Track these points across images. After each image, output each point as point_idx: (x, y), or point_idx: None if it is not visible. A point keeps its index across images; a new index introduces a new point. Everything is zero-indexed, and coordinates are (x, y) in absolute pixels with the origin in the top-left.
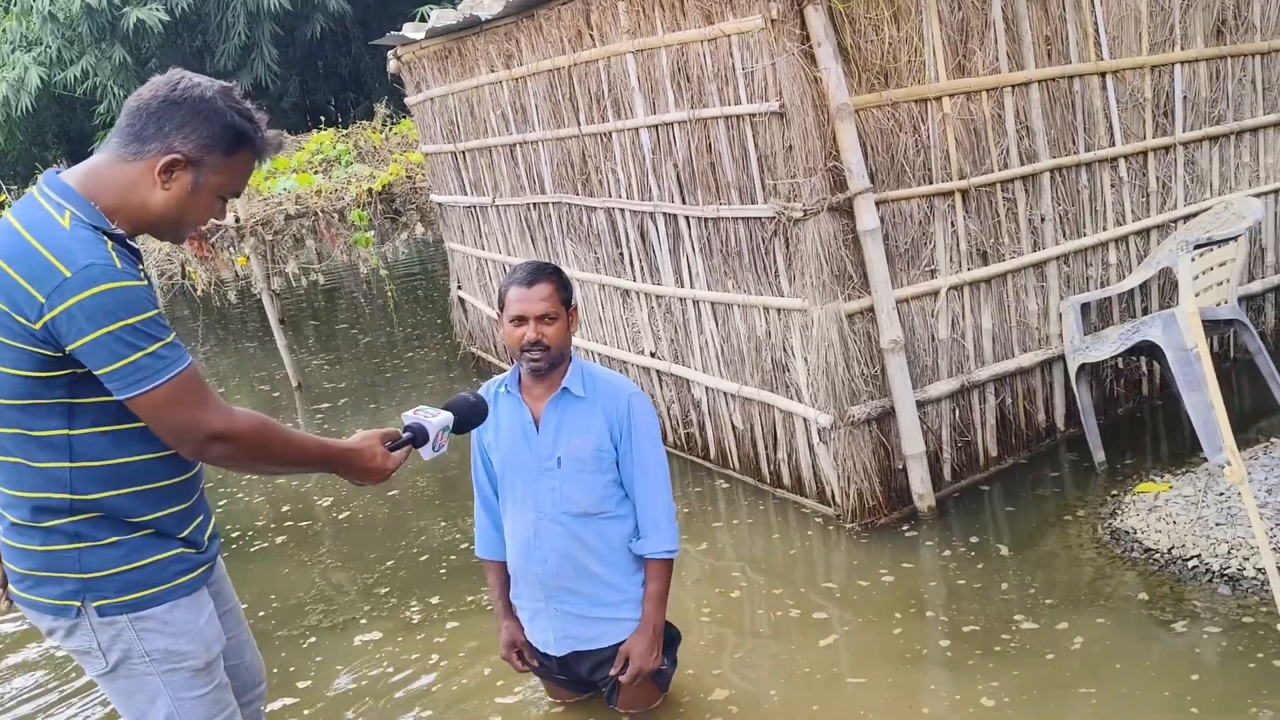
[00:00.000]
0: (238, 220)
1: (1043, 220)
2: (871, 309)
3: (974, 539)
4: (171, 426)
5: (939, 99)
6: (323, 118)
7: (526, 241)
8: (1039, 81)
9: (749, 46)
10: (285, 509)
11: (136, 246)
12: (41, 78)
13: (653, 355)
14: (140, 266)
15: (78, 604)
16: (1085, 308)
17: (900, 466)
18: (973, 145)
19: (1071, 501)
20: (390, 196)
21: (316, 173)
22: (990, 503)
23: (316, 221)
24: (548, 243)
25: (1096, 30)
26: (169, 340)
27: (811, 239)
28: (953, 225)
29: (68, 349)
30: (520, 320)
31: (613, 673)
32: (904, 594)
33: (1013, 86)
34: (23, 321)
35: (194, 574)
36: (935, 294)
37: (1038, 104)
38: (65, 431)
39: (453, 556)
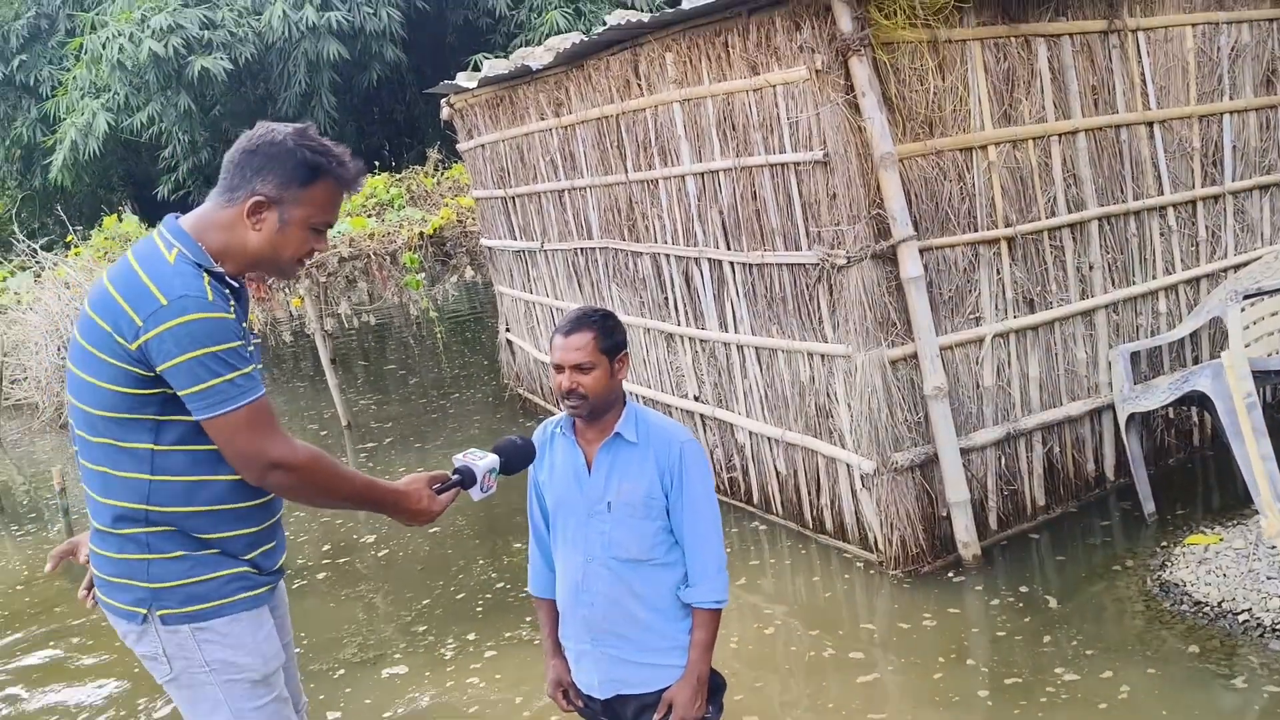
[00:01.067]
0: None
1: (1091, 268)
2: (915, 355)
3: (1020, 588)
4: (238, 450)
5: (984, 147)
6: (377, 162)
7: (574, 286)
8: (1086, 130)
9: (794, 96)
10: (326, 547)
11: (237, 285)
12: (109, 123)
13: (696, 399)
14: (232, 303)
15: (144, 611)
16: (1135, 356)
17: (944, 514)
18: (1019, 193)
19: (1120, 553)
20: (441, 240)
21: (370, 216)
22: (1037, 552)
23: (369, 264)
24: (594, 287)
25: (1144, 80)
26: (246, 371)
27: (855, 285)
28: (998, 272)
29: (158, 369)
30: (559, 368)
31: (656, 718)
32: (946, 641)
33: (1059, 135)
34: (121, 342)
35: (255, 592)
36: (980, 341)
37: (1085, 152)
38: (150, 446)
39: (489, 595)
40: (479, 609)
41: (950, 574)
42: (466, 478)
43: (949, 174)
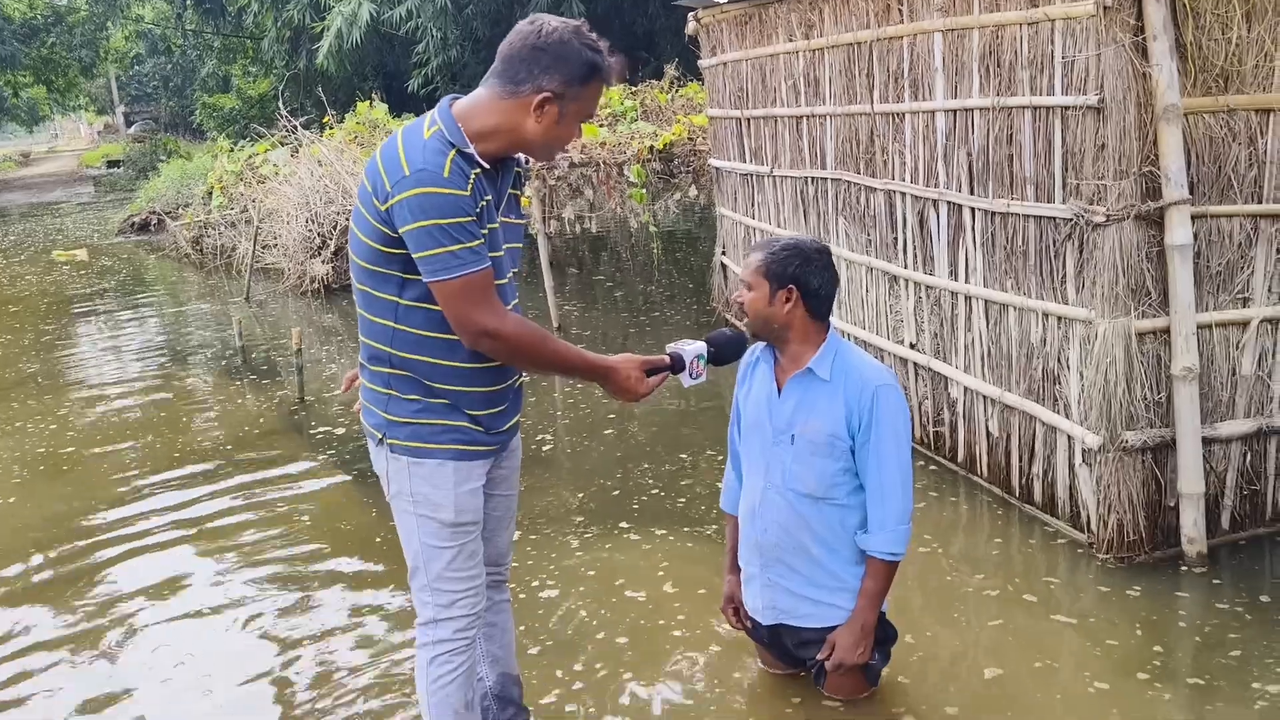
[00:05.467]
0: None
1: None
2: (1166, 330)
3: (1246, 595)
4: (454, 314)
5: None
6: None
7: (799, 215)
8: None
9: (1073, 33)
10: None
11: (487, 166)
12: (371, 14)
13: (912, 347)
14: (471, 181)
15: (380, 435)
16: None
17: (1172, 504)
18: None
19: None
20: (670, 156)
21: (602, 125)
22: (1271, 561)
23: (597, 172)
24: (820, 218)
25: None
26: (470, 245)
27: (1110, 247)
28: (1278, 252)
29: (399, 231)
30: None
31: (819, 657)
32: (1151, 638)
33: None
34: (376, 202)
35: (470, 446)
36: (1245, 324)
37: None
38: (395, 299)
39: (644, 497)
40: (635, 508)
41: (1168, 568)
42: (676, 363)
43: (1239, 136)
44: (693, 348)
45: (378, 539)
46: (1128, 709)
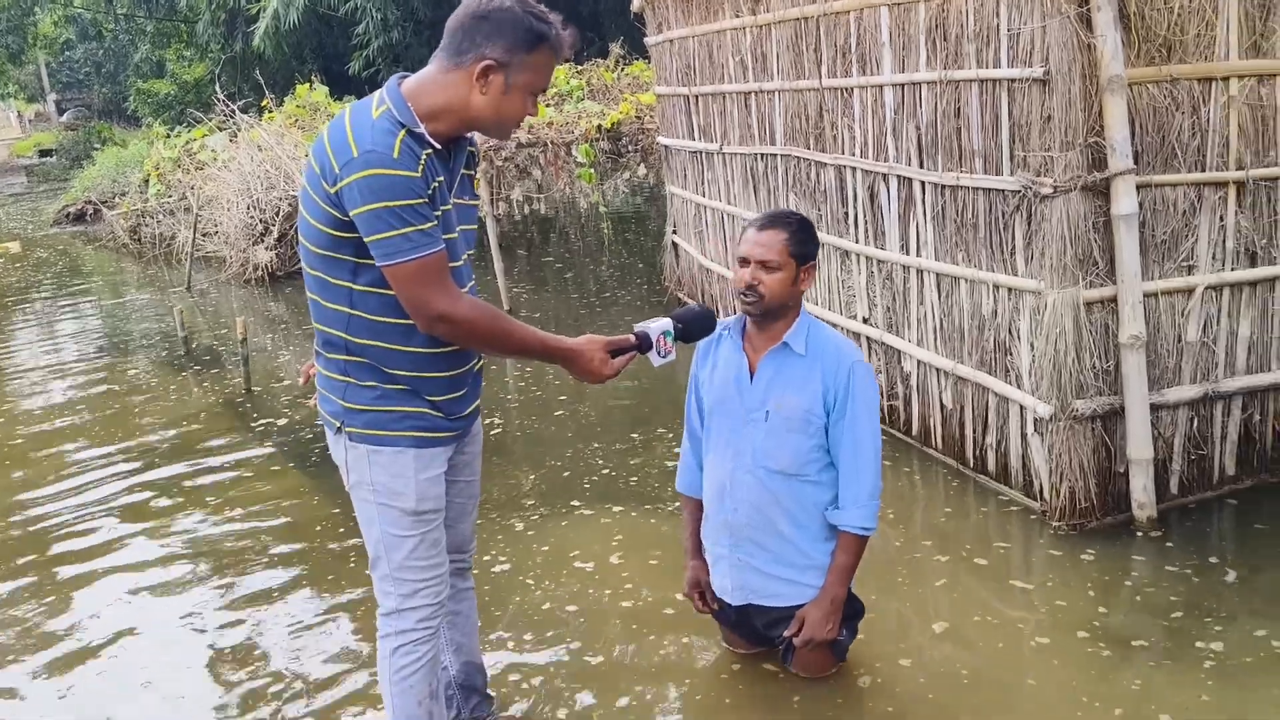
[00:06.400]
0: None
1: None
2: (1114, 300)
3: (1195, 557)
4: (407, 298)
5: (1226, 79)
6: None
7: (749, 191)
8: None
9: (1018, 6)
10: None
11: (439, 146)
12: None
13: (865, 321)
14: (422, 162)
15: (338, 424)
16: None
17: (1122, 470)
18: (1258, 134)
19: None
20: (618, 135)
21: (549, 105)
22: (1218, 523)
23: (544, 152)
24: (771, 195)
25: None
26: (422, 227)
27: (1058, 218)
28: (1221, 219)
29: (350, 214)
30: (744, 261)
31: (787, 634)
32: (1099, 599)
33: None
34: (325, 185)
35: (429, 434)
36: (1190, 292)
37: None
38: (349, 284)
39: (595, 478)
40: (587, 488)
41: (1119, 533)
42: (643, 342)
43: (1182, 105)
44: (658, 325)
45: (334, 528)
46: (1068, 661)
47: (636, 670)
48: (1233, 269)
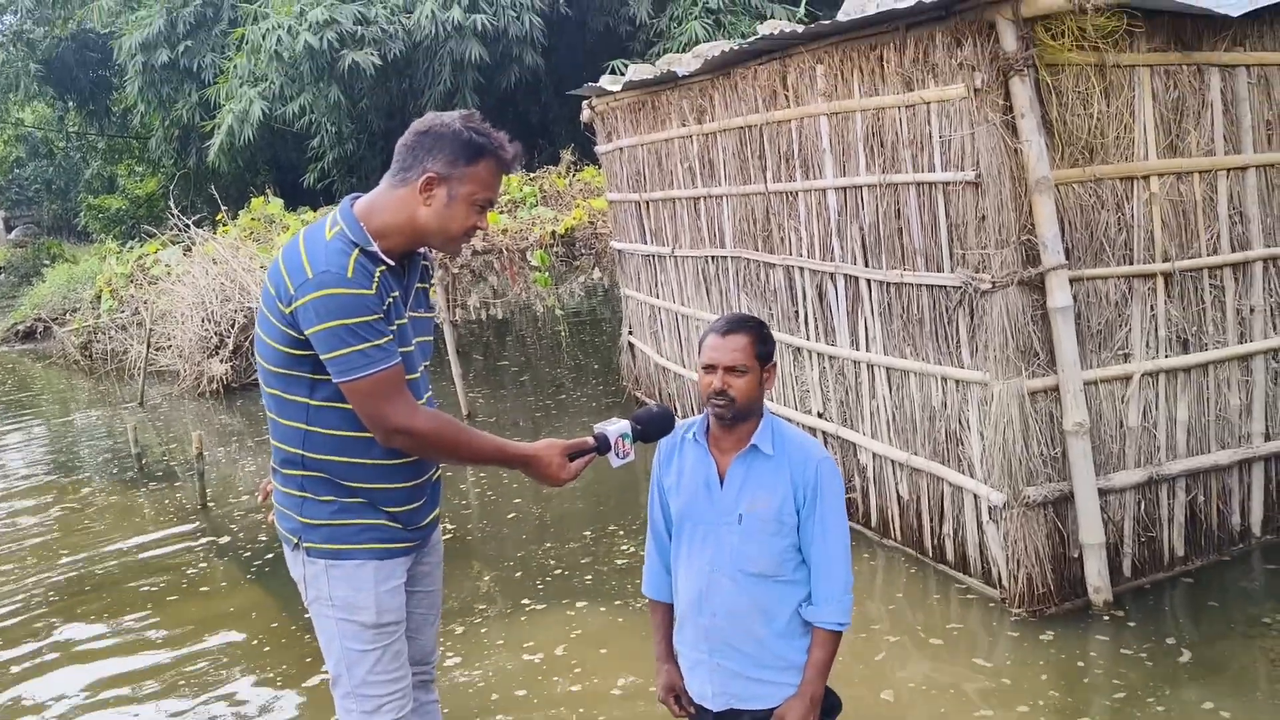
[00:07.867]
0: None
1: (1252, 311)
2: (1056, 388)
3: (1151, 639)
4: (365, 413)
5: (1146, 178)
6: None
7: (701, 293)
8: (1257, 167)
9: (948, 114)
10: None
11: (393, 263)
12: (264, 111)
13: (820, 416)
14: (376, 280)
15: (296, 539)
16: None
17: (1076, 555)
18: (1180, 227)
19: (1267, 612)
20: (572, 240)
21: (503, 212)
22: (1172, 604)
23: (499, 258)
24: (723, 296)
25: None
26: (378, 343)
27: (999, 312)
28: (1152, 309)
29: (305, 333)
30: (710, 368)
31: None
32: (1063, 686)
33: (1228, 170)
34: (280, 306)
35: (388, 545)
36: (1127, 379)
37: (1254, 190)
38: (306, 400)
39: (549, 578)
40: (540, 588)
41: (1078, 618)
42: (601, 444)
43: (1107, 203)
44: (616, 427)
45: (292, 645)
46: None
47: None
48: (1166, 356)
